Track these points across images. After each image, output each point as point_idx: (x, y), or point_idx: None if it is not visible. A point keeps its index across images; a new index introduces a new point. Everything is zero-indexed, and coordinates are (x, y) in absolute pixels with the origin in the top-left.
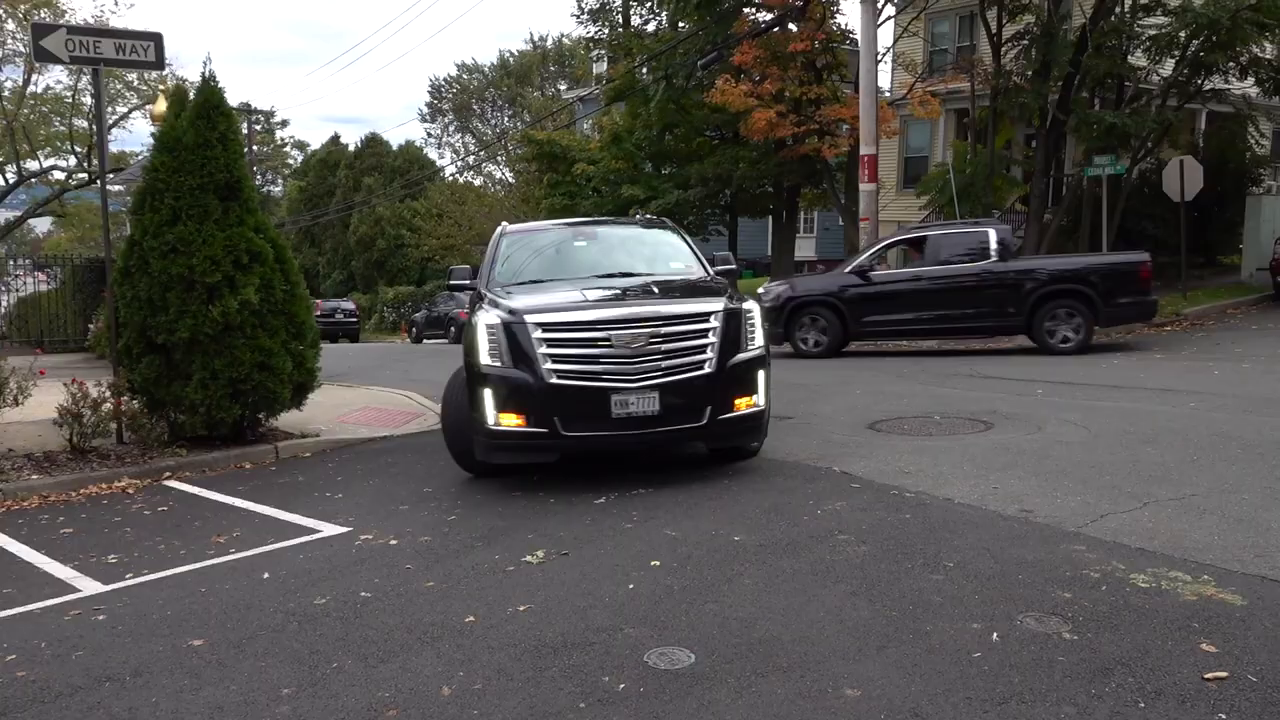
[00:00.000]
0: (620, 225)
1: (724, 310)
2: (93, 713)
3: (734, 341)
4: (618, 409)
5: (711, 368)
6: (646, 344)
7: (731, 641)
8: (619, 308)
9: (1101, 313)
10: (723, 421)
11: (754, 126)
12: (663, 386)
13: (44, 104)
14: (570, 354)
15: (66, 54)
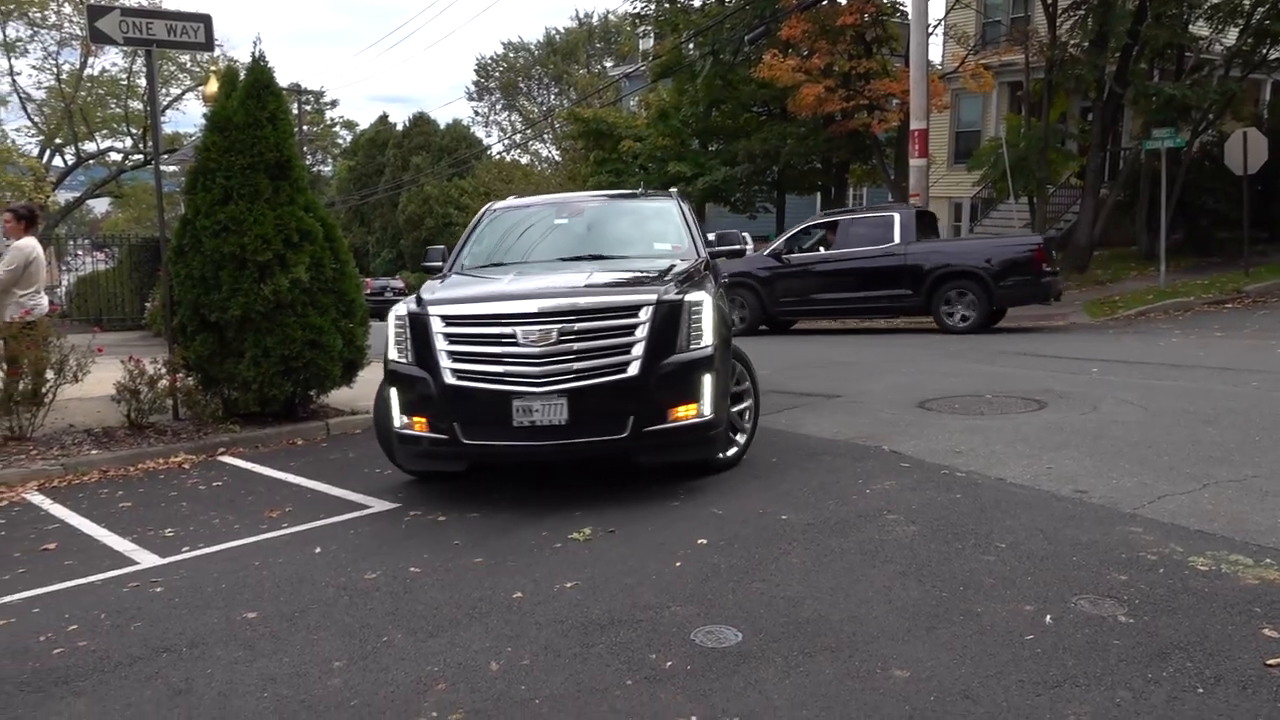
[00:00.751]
0: (615, 200)
1: (657, 303)
2: (150, 682)
3: (669, 340)
4: (520, 416)
5: (636, 370)
6: (557, 342)
7: (779, 620)
8: (529, 300)
9: (995, 294)
10: (651, 434)
11: (802, 102)
12: (572, 392)
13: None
14: (471, 351)
15: (120, 35)
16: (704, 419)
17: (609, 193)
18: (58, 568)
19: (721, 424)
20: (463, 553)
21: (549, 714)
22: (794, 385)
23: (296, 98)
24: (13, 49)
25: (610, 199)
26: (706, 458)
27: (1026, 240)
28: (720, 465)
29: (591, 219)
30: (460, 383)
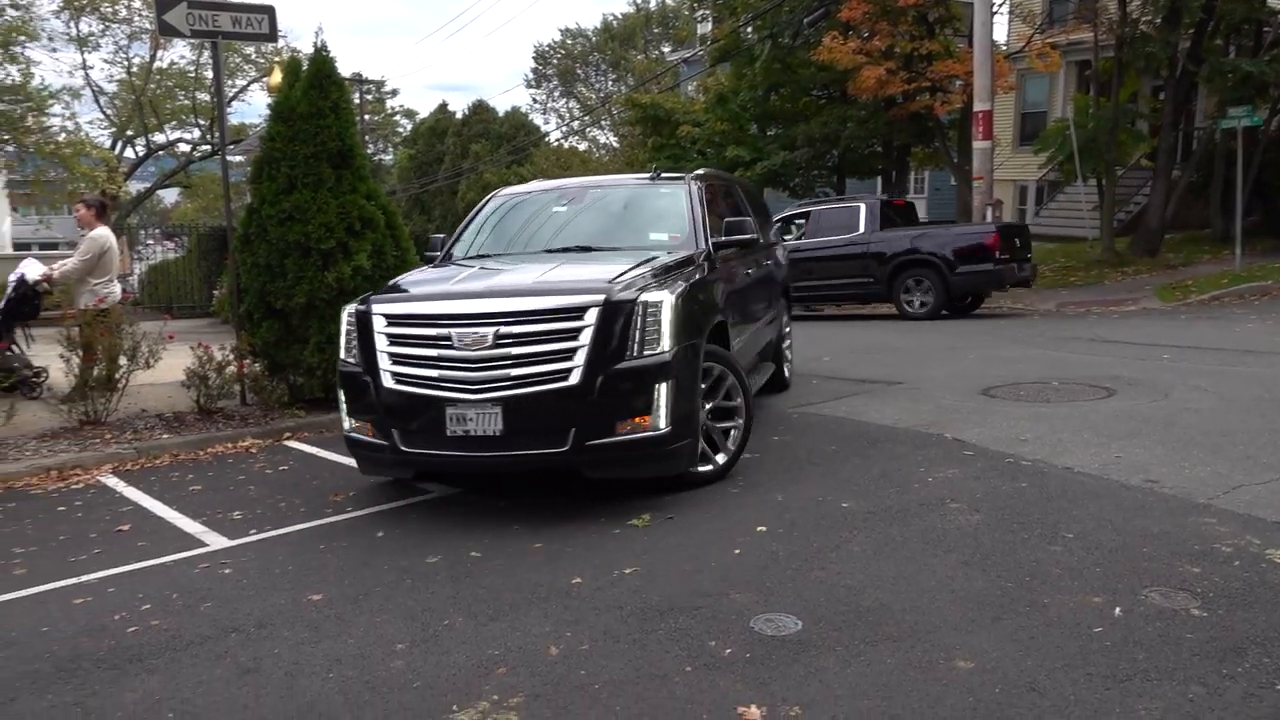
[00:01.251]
0: (621, 187)
1: (604, 304)
2: (220, 661)
3: (617, 345)
4: (453, 425)
5: (577, 379)
6: (493, 345)
7: (839, 609)
8: (467, 300)
9: (950, 281)
10: (596, 448)
11: (862, 84)
12: (508, 401)
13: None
14: (408, 354)
15: (187, 28)
16: (657, 433)
17: (618, 178)
18: (131, 548)
19: (684, 438)
20: (522, 538)
21: (608, 699)
22: (853, 372)
23: (358, 87)
24: (85, 43)
25: (616, 186)
26: (664, 475)
27: (981, 229)
28: (695, 480)
29: (591, 207)
30: (398, 387)
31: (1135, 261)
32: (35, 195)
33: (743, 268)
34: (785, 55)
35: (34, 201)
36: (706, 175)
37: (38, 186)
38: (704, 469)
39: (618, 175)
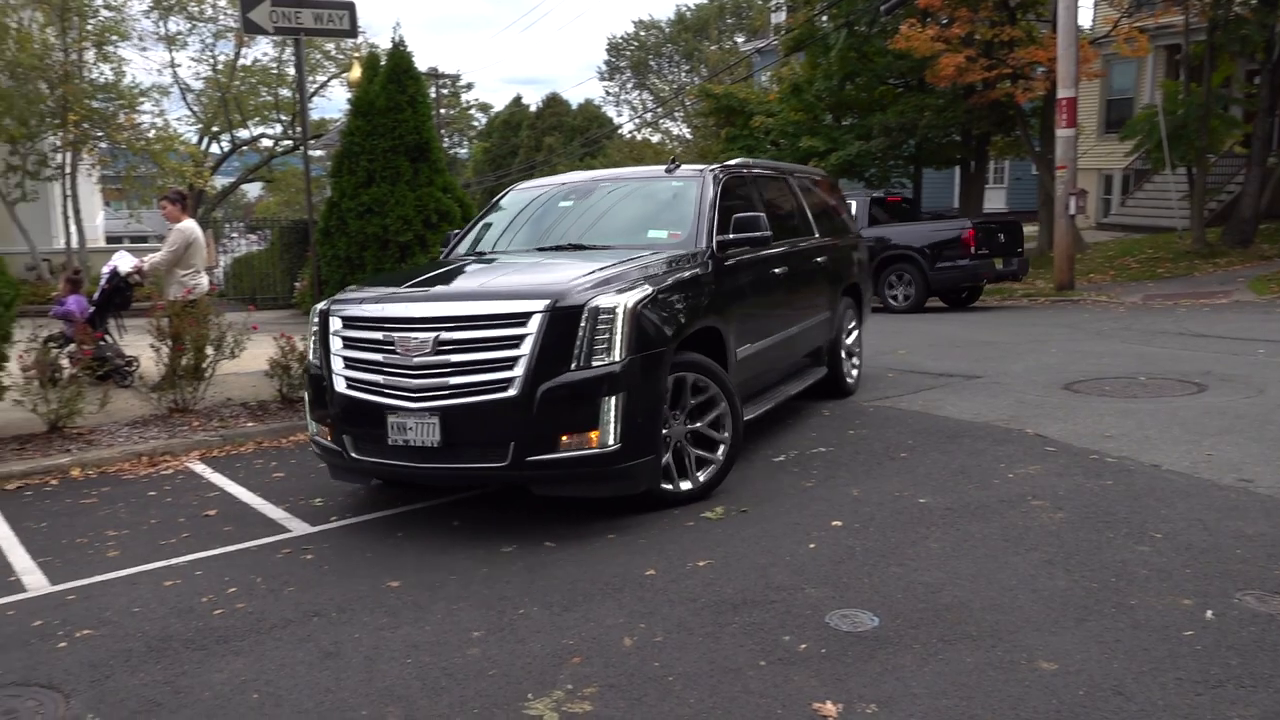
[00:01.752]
0: (631, 181)
1: (547, 311)
2: (303, 645)
3: (561, 354)
4: (394, 434)
5: (517, 389)
6: (433, 352)
7: (917, 606)
8: (412, 304)
9: (929, 276)
10: (538, 464)
11: (941, 72)
12: (446, 411)
13: (252, 76)
14: (357, 358)
15: (271, 25)
16: (605, 450)
17: (634, 170)
18: (217, 533)
19: (639, 456)
20: (595, 529)
21: (682, 691)
22: (931, 365)
23: (434, 82)
24: (173, 42)
25: (627, 180)
26: (618, 495)
27: (957, 224)
28: (667, 500)
29: (595, 202)
30: (348, 391)
31: (1227, 252)
32: (126, 190)
33: (768, 267)
34: (861, 44)
35: (125, 196)
36: (734, 167)
37: (129, 182)
38: (683, 487)
39: (637, 168)
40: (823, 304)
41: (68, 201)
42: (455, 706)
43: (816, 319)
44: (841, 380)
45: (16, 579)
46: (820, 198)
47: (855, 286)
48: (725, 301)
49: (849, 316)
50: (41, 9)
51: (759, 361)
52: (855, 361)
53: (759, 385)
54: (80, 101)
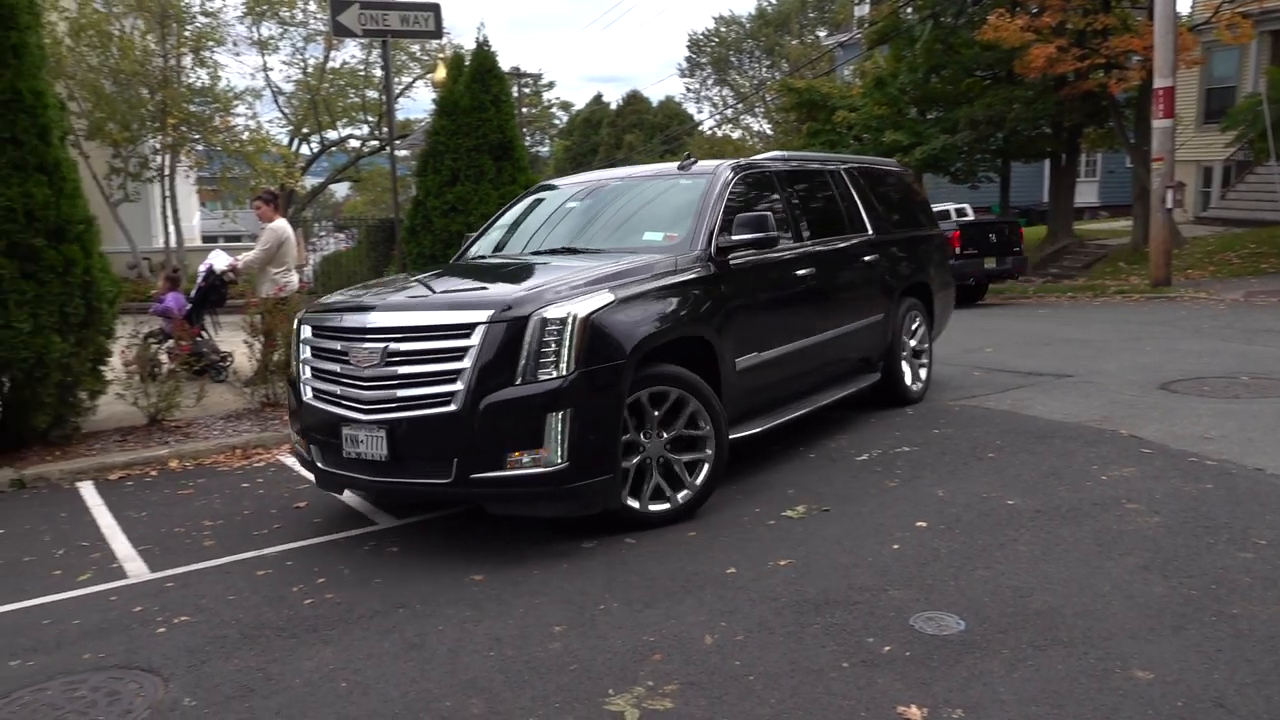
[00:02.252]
0: (641, 179)
1: (490, 322)
2: (389, 635)
3: (505, 368)
4: (347, 446)
5: (458, 404)
6: (382, 363)
7: (1005, 610)
8: (365, 313)
9: None
10: (483, 482)
11: (1031, 63)
12: (392, 424)
13: (340, 78)
14: (320, 367)
15: (359, 27)
16: (552, 469)
17: (646, 169)
18: (307, 524)
19: (590, 475)
20: (676, 526)
21: (763, 691)
22: (1019, 363)
23: (517, 81)
24: (266, 46)
25: (637, 179)
26: (569, 516)
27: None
28: (641, 520)
29: (600, 202)
30: (313, 401)
31: None
32: (221, 191)
33: (789, 268)
34: (947, 35)
35: (219, 196)
36: (754, 162)
37: (223, 183)
38: (656, 508)
39: (653, 166)
40: (873, 305)
41: (166, 202)
42: (537, 700)
43: (864, 322)
44: (900, 387)
45: (119, 566)
46: (880, 190)
47: (922, 286)
48: (722, 307)
49: (913, 318)
50: (143, 16)
51: (772, 371)
52: (923, 363)
53: (777, 395)
54: (178, 105)
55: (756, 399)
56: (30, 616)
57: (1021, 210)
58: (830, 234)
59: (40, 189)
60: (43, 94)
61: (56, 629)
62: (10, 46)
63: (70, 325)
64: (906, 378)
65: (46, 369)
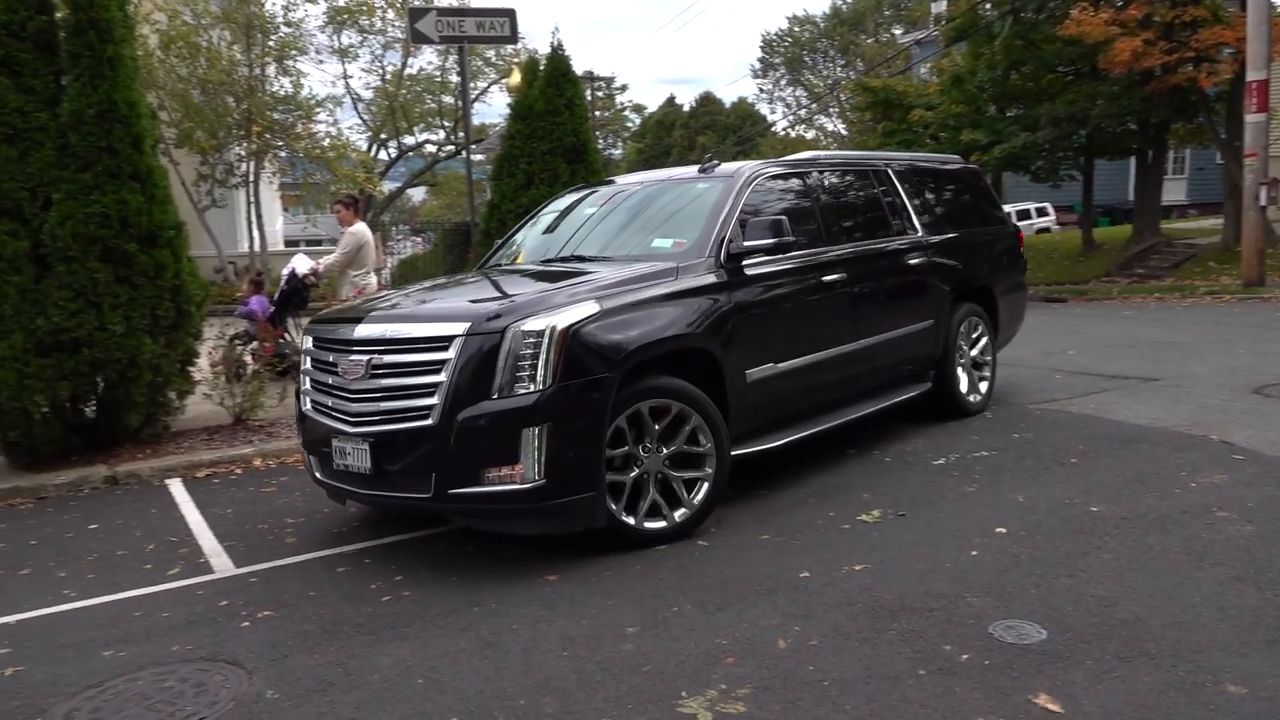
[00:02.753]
0: (660, 184)
1: (466, 335)
2: (464, 634)
3: (481, 381)
4: (337, 458)
5: (435, 418)
6: (366, 376)
7: (1089, 620)
8: (354, 325)
9: None
10: (461, 498)
11: (1115, 58)
12: (375, 437)
13: (417, 84)
14: (317, 379)
15: (436, 34)
16: (528, 485)
17: (667, 173)
18: (384, 523)
19: (569, 493)
20: (748, 529)
21: (838, 697)
22: (1102, 366)
23: (590, 84)
24: (346, 54)
25: (655, 183)
26: (549, 534)
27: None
28: (635, 539)
29: (618, 208)
30: (311, 412)
31: None
32: (303, 196)
33: (814, 274)
34: (1028, 31)
35: (301, 201)
36: (779, 163)
37: (305, 188)
38: (651, 525)
39: (676, 169)
40: (921, 311)
41: (251, 207)
42: (610, 701)
43: (909, 329)
44: (956, 397)
45: (205, 561)
46: (936, 189)
47: (983, 290)
48: (730, 317)
49: (972, 324)
50: (229, 28)
51: (792, 382)
52: (985, 374)
53: (801, 407)
54: (263, 113)
55: (773, 412)
56: (122, 608)
57: (1105, 209)
58: (870, 237)
59: (134, 196)
60: (136, 104)
61: (147, 621)
62: (106, 59)
63: (160, 327)
64: (962, 387)
65: (138, 369)
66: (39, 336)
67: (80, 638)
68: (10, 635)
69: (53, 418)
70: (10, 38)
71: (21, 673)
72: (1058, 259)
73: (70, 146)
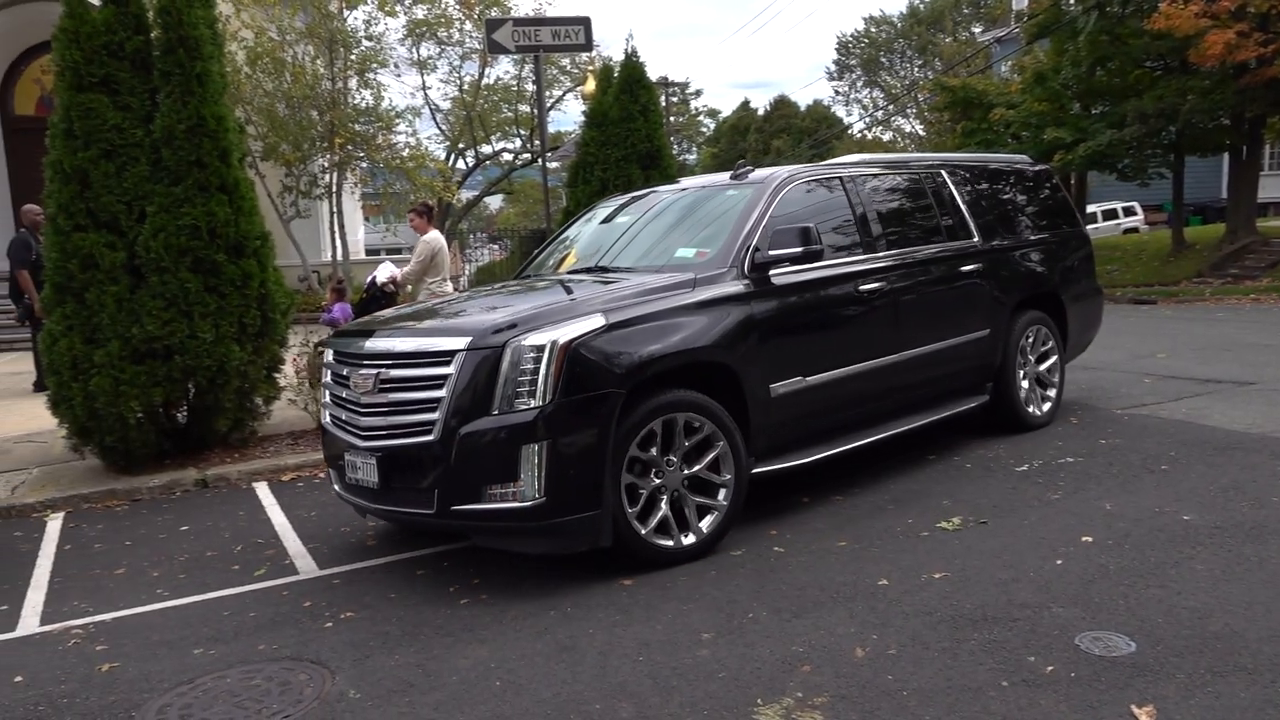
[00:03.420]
0: (690, 191)
1: (469, 349)
2: (541, 637)
3: (481, 397)
4: (349, 471)
5: (436, 434)
6: (375, 390)
7: (1180, 633)
8: (365, 339)
9: None
10: (463, 514)
11: (1207, 51)
12: (382, 452)
13: (494, 94)
14: (335, 393)
15: (513, 44)
16: (527, 504)
17: (700, 180)
18: None
19: (572, 512)
20: (826, 535)
21: (917, 708)
22: (1195, 370)
23: (664, 90)
24: (425, 66)
25: (686, 191)
26: (553, 552)
27: None
28: (648, 558)
29: (646, 217)
30: (329, 425)
31: None
32: (383, 205)
33: (849, 284)
34: (1113, 25)
35: (381, 211)
36: (815, 168)
37: (385, 198)
38: (663, 543)
39: (708, 176)
40: (976, 320)
41: (333, 217)
42: (686, 707)
43: (962, 339)
44: (1017, 410)
45: (290, 562)
46: (996, 191)
47: (1050, 297)
48: (753, 329)
49: (1037, 333)
50: (313, 43)
51: (823, 396)
52: (1052, 382)
53: (835, 422)
54: (345, 125)
55: (803, 427)
56: (212, 608)
57: (1197, 207)
58: (918, 243)
59: (221, 208)
60: (224, 119)
61: (235, 620)
62: (196, 75)
63: (248, 335)
64: (1023, 399)
65: (227, 376)
66: (134, 344)
67: (172, 635)
68: (107, 633)
69: (147, 423)
70: (110, 57)
71: (117, 669)
72: (1146, 259)
73: (163, 161)
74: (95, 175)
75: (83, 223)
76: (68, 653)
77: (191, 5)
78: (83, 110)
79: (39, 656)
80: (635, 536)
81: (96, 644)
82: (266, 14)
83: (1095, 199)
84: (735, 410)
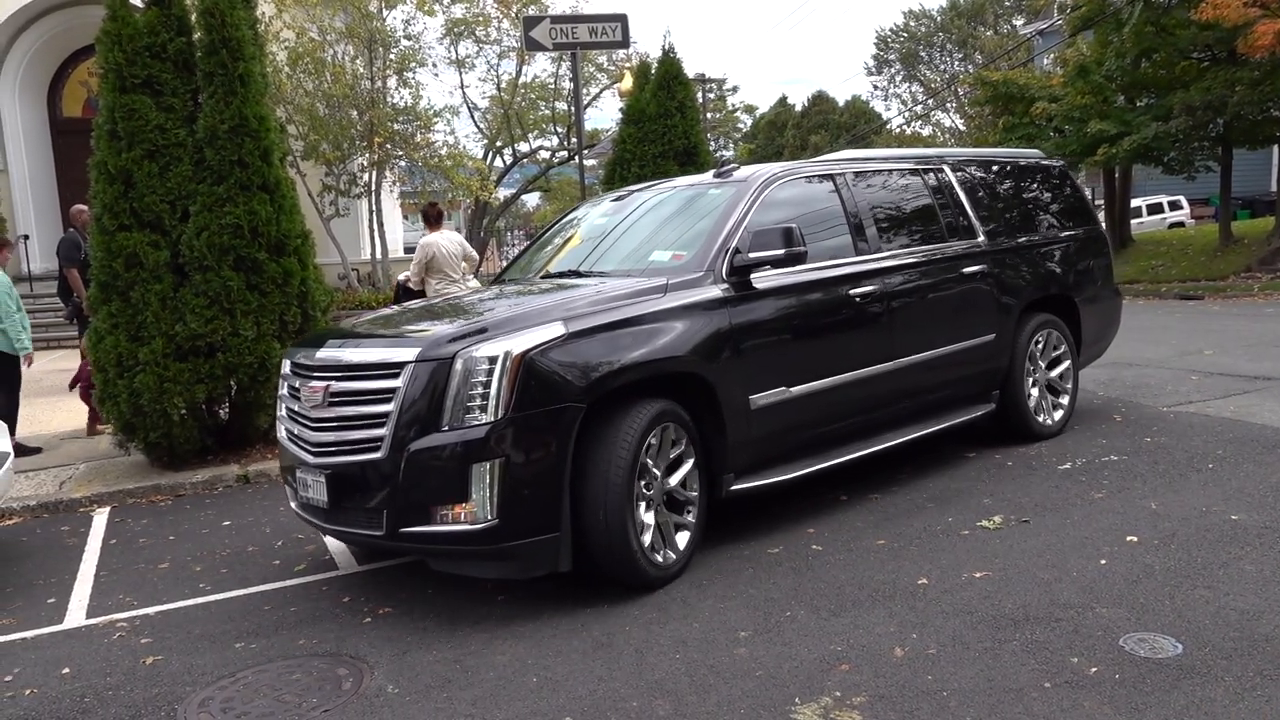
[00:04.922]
0: (671, 191)
1: (416, 362)
2: (578, 634)
3: (429, 413)
4: (300, 489)
5: (383, 452)
6: (324, 403)
7: (1229, 635)
8: (315, 349)
9: None
10: (412, 536)
11: (1257, 41)
12: (330, 470)
13: (531, 92)
14: (289, 405)
15: (550, 41)
16: (479, 526)
17: (681, 180)
18: None
19: (527, 534)
20: (864, 534)
21: (957, 709)
22: (1243, 367)
23: (701, 86)
24: (463, 65)
25: (668, 191)
26: (511, 577)
27: None
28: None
29: (627, 218)
30: (284, 440)
31: None
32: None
33: (837, 287)
34: (1159, 16)
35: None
36: (802, 166)
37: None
38: (653, 560)
39: (692, 176)
40: (980, 324)
41: (373, 216)
42: (722, 705)
43: (964, 344)
44: (1025, 418)
45: (330, 558)
46: (1005, 188)
47: (1062, 299)
48: (730, 336)
49: (1045, 338)
50: (353, 43)
51: (811, 407)
52: (1066, 388)
53: (824, 435)
54: (384, 125)
55: (788, 441)
56: (253, 602)
57: (1245, 201)
58: (918, 243)
59: (263, 207)
60: (265, 119)
61: (276, 615)
62: (238, 76)
63: (289, 332)
64: (1033, 407)
65: (268, 373)
66: (177, 342)
67: (215, 629)
68: (151, 626)
69: (190, 419)
70: (153, 59)
71: (160, 662)
72: (1193, 254)
73: (206, 161)
74: (139, 175)
75: (127, 222)
76: (113, 646)
77: (234, 6)
78: (126, 111)
79: (85, 649)
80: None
81: (141, 637)
82: (307, 14)
83: (1139, 193)
84: (714, 424)
